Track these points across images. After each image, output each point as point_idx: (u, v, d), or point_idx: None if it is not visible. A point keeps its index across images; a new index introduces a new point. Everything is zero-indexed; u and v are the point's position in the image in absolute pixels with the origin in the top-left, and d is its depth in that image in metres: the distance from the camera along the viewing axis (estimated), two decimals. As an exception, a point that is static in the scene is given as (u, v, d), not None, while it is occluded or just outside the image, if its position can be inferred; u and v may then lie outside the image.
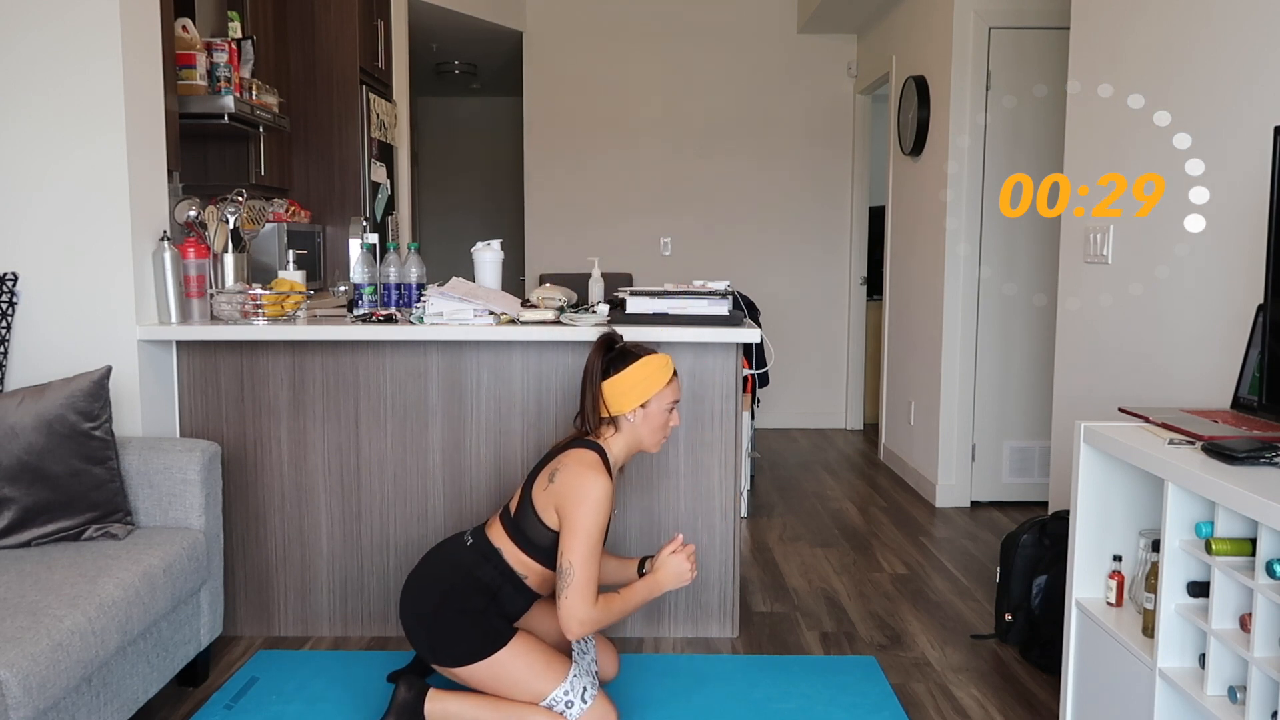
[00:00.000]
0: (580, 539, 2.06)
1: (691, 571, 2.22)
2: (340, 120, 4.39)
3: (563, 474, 2.11)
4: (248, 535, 2.83)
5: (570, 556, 2.06)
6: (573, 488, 2.08)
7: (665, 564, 2.22)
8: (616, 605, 2.13)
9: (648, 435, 2.24)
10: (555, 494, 2.11)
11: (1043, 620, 2.60)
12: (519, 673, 2.10)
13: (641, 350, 2.23)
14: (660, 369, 2.22)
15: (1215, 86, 2.34)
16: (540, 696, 2.11)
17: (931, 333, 4.49)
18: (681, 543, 2.25)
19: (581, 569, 2.06)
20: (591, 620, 2.08)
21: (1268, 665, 1.45)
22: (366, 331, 2.65)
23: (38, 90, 2.57)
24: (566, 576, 2.06)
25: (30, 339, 2.63)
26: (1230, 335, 2.26)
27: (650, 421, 2.23)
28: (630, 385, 2.18)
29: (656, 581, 2.21)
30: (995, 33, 4.19)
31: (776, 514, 4.22)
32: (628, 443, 2.24)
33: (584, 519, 2.06)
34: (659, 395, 2.21)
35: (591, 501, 2.07)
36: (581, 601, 2.06)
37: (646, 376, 2.20)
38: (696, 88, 6.07)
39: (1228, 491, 1.49)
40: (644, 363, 2.21)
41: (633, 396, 2.19)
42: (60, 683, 1.76)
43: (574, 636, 2.08)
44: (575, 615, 2.06)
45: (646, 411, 2.21)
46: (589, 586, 2.07)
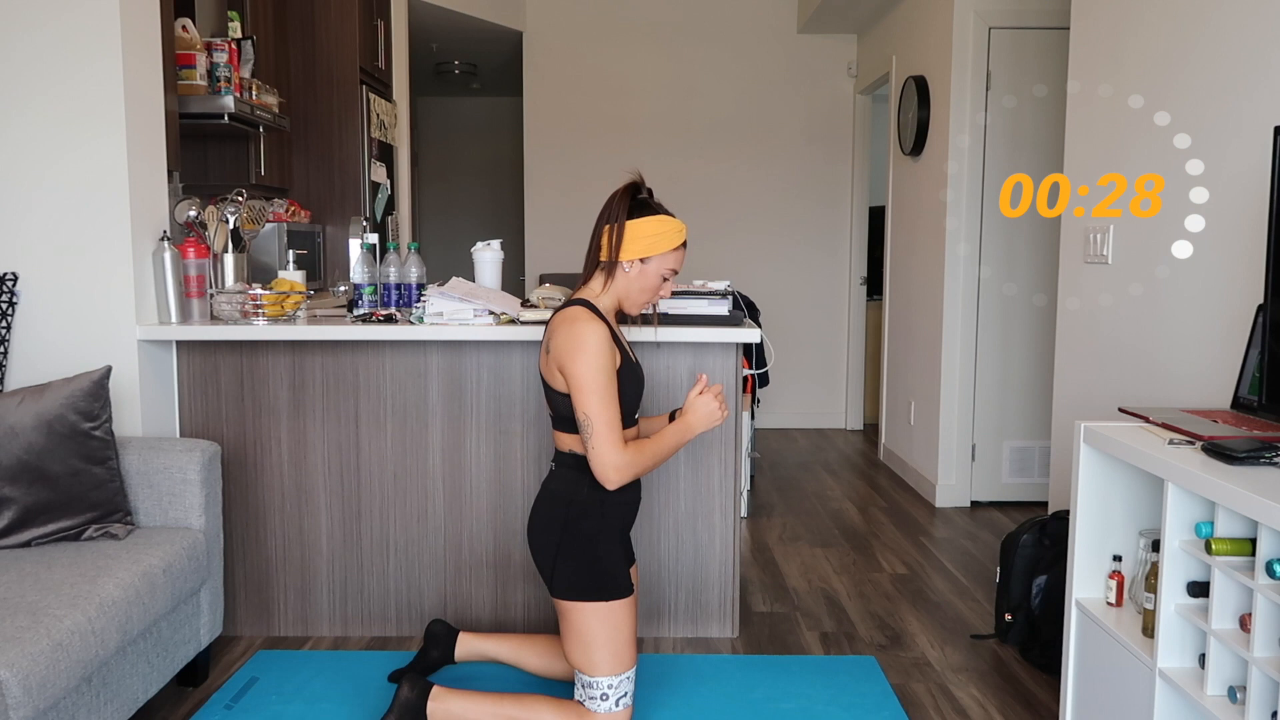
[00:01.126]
0: (588, 388, 2.01)
1: (722, 410, 2.16)
2: (340, 120, 4.39)
3: (555, 337, 2.08)
4: (248, 535, 2.83)
5: (584, 407, 2.02)
6: (567, 343, 2.04)
7: (694, 406, 2.16)
8: (649, 448, 2.09)
9: (636, 293, 2.17)
10: (556, 358, 2.07)
11: (1043, 620, 2.60)
12: (603, 633, 2.08)
13: (662, 208, 2.19)
14: (675, 231, 2.16)
15: (1215, 86, 2.34)
16: (595, 671, 2.08)
17: (931, 333, 4.49)
18: (706, 382, 2.19)
19: (599, 415, 2.01)
20: (625, 464, 2.03)
21: (1268, 665, 1.45)
22: (366, 331, 2.65)
23: (38, 90, 2.57)
24: (586, 428, 2.02)
25: (30, 339, 2.63)
26: (1230, 335, 2.26)
27: (644, 279, 2.16)
28: (643, 233, 2.12)
29: (687, 424, 2.15)
30: (995, 33, 4.19)
31: (776, 514, 4.22)
32: (617, 294, 2.17)
33: (586, 367, 2.01)
34: (663, 256, 2.15)
35: (589, 348, 2.02)
36: (609, 446, 2.02)
37: (661, 232, 2.14)
38: (696, 88, 6.07)
39: (1228, 491, 1.49)
40: (662, 219, 2.15)
41: (640, 246, 2.13)
42: (60, 683, 1.76)
43: (612, 485, 2.04)
44: (608, 461, 2.02)
45: (645, 268, 2.15)
46: (612, 430, 2.02)
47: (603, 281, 2.17)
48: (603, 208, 2.16)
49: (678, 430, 2.15)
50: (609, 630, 2.09)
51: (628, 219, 2.12)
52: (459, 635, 2.50)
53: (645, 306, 2.22)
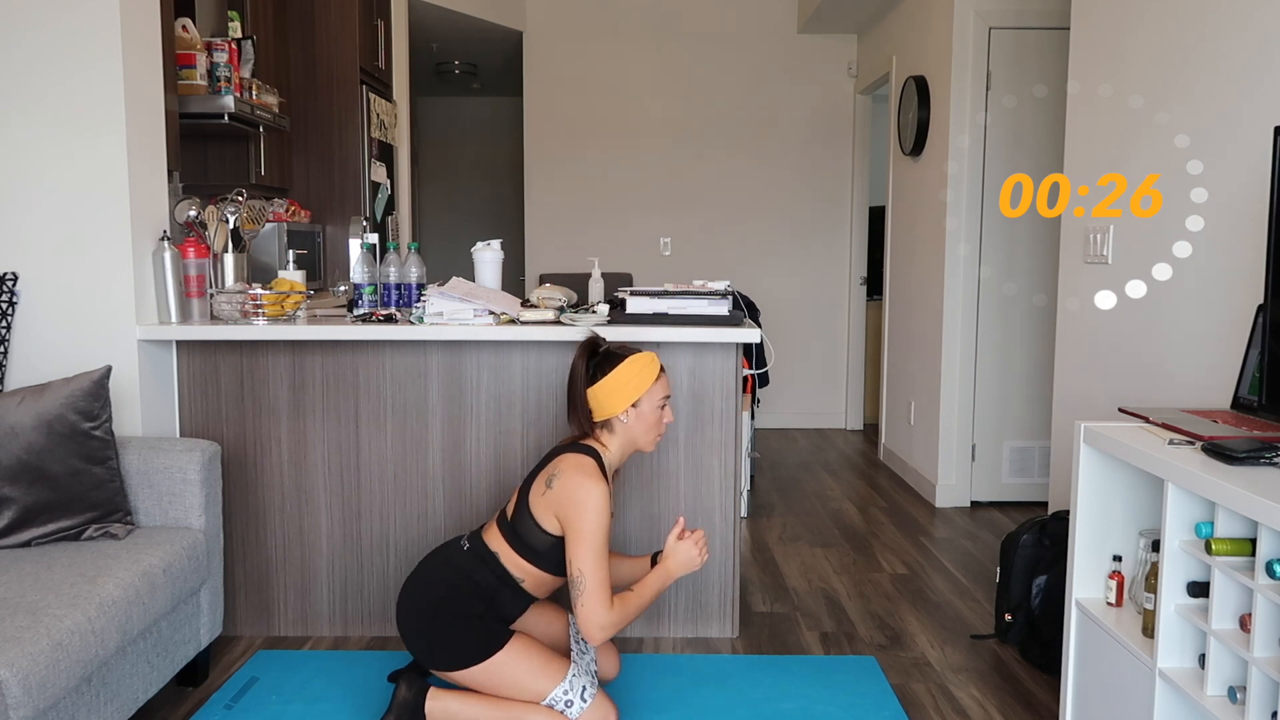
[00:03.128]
0: (586, 546, 2.07)
1: (701, 555, 2.21)
2: (340, 120, 4.39)
3: (559, 480, 2.11)
4: (248, 535, 2.83)
5: (579, 565, 2.07)
6: (571, 495, 2.08)
7: (674, 552, 2.21)
8: (633, 602, 2.13)
9: (642, 435, 2.24)
10: (553, 501, 2.11)
11: (1043, 620, 2.60)
12: (518, 674, 2.10)
13: (626, 351, 2.23)
14: (646, 366, 2.20)
15: (1215, 86, 2.34)
16: (540, 696, 2.11)
17: (931, 333, 4.49)
18: (685, 526, 2.24)
19: (592, 575, 2.06)
20: (611, 623, 2.08)
21: (1267, 665, 1.45)
22: (366, 331, 2.65)
23: (38, 90, 2.57)
24: (579, 585, 2.07)
25: (30, 339, 2.63)
26: (1230, 335, 2.26)
27: (643, 421, 2.22)
28: (617, 387, 2.18)
29: (667, 571, 2.20)
30: (995, 33, 4.19)
31: (776, 514, 4.22)
32: (623, 444, 2.24)
33: (586, 525, 2.07)
34: (649, 394, 2.21)
35: (591, 508, 2.07)
36: (598, 606, 2.07)
37: (634, 376, 2.19)
38: (696, 88, 6.07)
39: (1228, 492, 1.49)
40: (629, 363, 2.20)
41: (622, 397, 2.19)
42: (60, 682, 1.76)
43: (596, 642, 2.09)
44: (595, 621, 2.07)
45: (638, 411, 2.21)
46: (603, 590, 2.07)
47: (607, 436, 2.24)
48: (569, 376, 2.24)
49: (658, 578, 2.20)
50: (519, 667, 2.11)
51: (599, 378, 2.19)
52: None
53: (660, 437, 2.33)
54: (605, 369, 2.19)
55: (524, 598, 2.20)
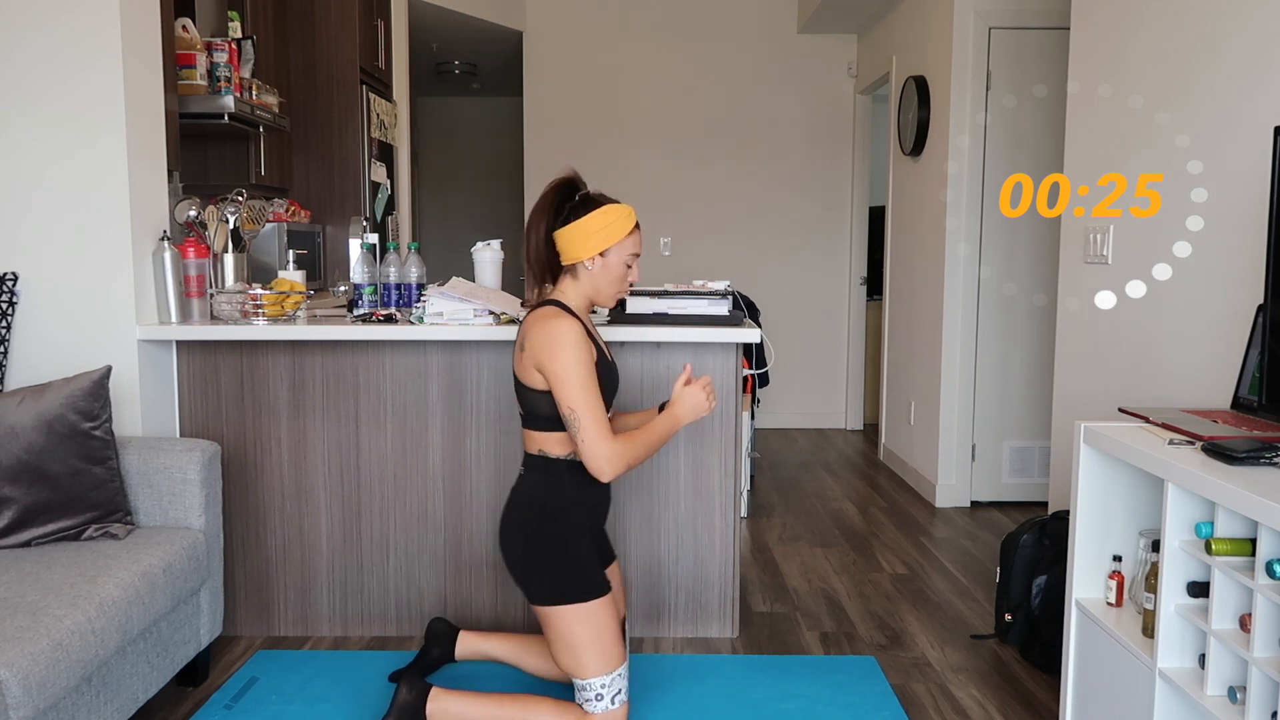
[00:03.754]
0: (571, 382, 2.01)
1: (710, 400, 2.16)
2: (340, 120, 4.39)
3: (531, 335, 2.07)
4: (248, 535, 2.83)
5: (568, 401, 2.02)
6: (543, 341, 2.04)
7: (681, 397, 2.15)
8: (640, 438, 2.08)
9: (606, 286, 2.16)
10: (532, 356, 2.06)
11: (1043, 620, 2.60)
12: (585, 635, 2.07)
13: (604, 199, 2.15)
14: (625, 216, 2.13)
15: (1215, 86, 2.34)
16: (585, 673, 2.08)
17: (931, 333, 4.49)
18: (692, 372, 2.17)
19: (585, 408, 2.01)
20: (616, 455, 2.03)
21: (1268, 665, 1.45)
22: (366, 331, 2.65)
23: (38, 90, 2.57)
24: (573, 423, 2.02)
25: (30, 339, 2.63)
26: (1230, 335, 2.26)
27: (609, 272, 2.14)
28: (590, 231, 2.10)
29: (675, 415, 2.15)
30: (995, 33, 4.19)
31: (776, 514, 4.22)
32: (584, 293, 2.16)
33: (565, 363, 2.01)
34: (619, 245, 2.13)
35: (566, 345, 2.02)
36: (599, 439, 2.01)
37: (608, 224, 2.11)
38: (696, 88, 6.07)
39: (1228, 491, 1.49)
40: (605, 210, 2.12)
41: (593, 242, 2.10)
42: (60, 682, 1.76)
43: (606, 477, 2.04)
44: (599, 453, 2.02)
45: (606, 261, 2.13)
46: (599, 423, 2.02)
47: (569, 282, 2.16)
48: (533, 210, 2.14)
49: (666, 421, 2.14)
50: (592, 631, 2.09)
51: (574, 218, 2.11)
52: (460, 634, 2.50)
53: (618, 296, 2.21)
54: (580, 212, 2.11)
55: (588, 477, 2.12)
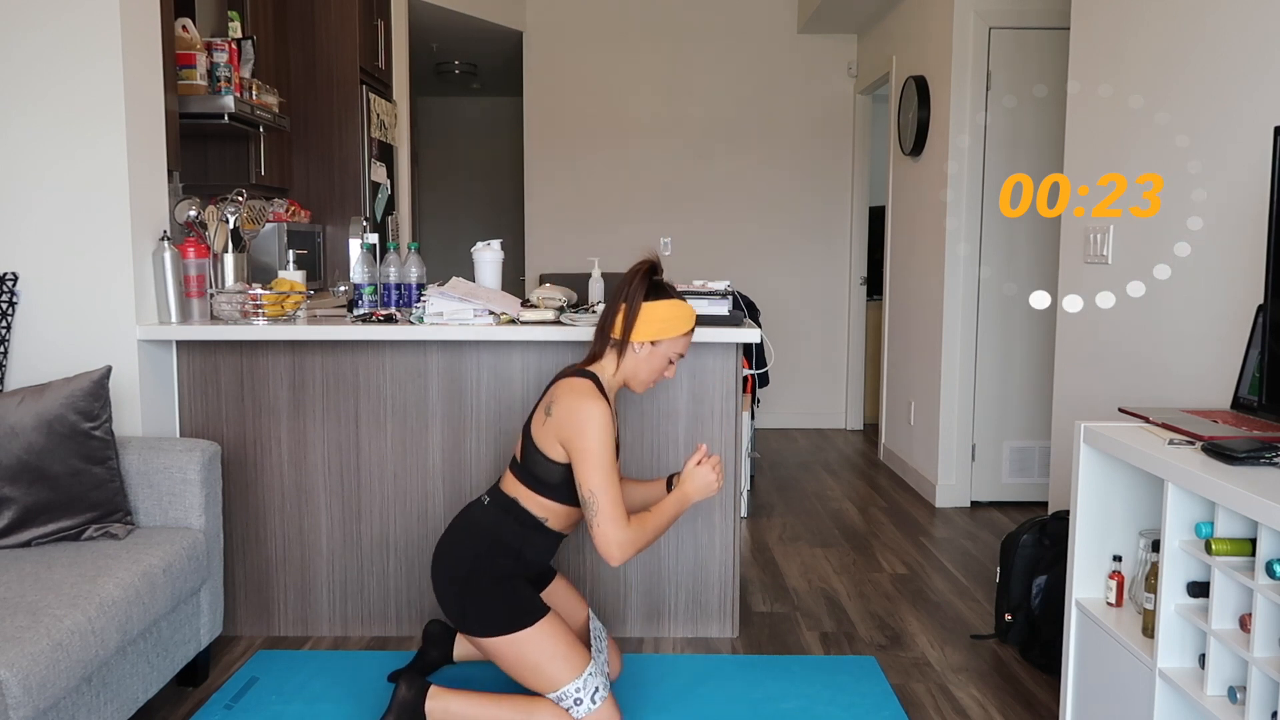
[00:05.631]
0: (593, 464, 2.05)
1: (718, 481, 2.21)
2: (340, 120, 4.39)
3: (558, 405, 2.10)
4: (248, 535, 2.83)
5: (589, 484, 2.05)
6: (571, 416, 2.07)
7: (692, 476, 2.20)
8: (650, 523, 2.12)
9: (645, 373, 2.22)
10: (555, 426, 2.10)
11: (1043, 620, 2.60)
12: (541, 654, 2.09)
13: (675, 291, 2.24)
14: (687, 316, 2.22)
15: (1215, 86, 2.34)
16: (554, 686, 2.09)
17: (931, 333, 4.49)
18: (706, 452, 2.23)
19: (604, 493, 2.05)
20: (629, 540, 2.06)
21: (1268, 665, 1.45)
22: (366, 331, 2.65)
23: (38, 90, 2.57)
24: (591, 506, 2.05)
25: (30, 339, 2.63)
26: (1230, 335, 2.26)
27: (652, 361, 2.21)
28: (657, 316, 2.18)
29: (684, 494, 2.20)
30: (995, 33, 4.19)
31: (776, 514, 4.22)
32: (624, 374, 2.22)
33: (591, 444, 2.05)
34: (673, 340, 2.21)
35: (593, 426, 2.05)
36: (613, 524, 2.05)
37: (674, 316, 2.19)
38: (696, 88, 6.07)
39: (1228, 491, 1.49)
40: (675, 303, 2.21)
41: (653, 328, 2.18)
42: (60, 682, 1.76)
43: (616, 561, 2.07)
44: (612, 539, 2.05)
45: (655, 350, 2.20)
46: (616, 508, 2.06)
47: (614, 359, 2.21)
48: (619, 284, 2.22)
49: (676, 501, 2.19)
50: (545, 648, 2.10)
51: (644, 300, 2.17)
52: (457, 635, 2.50)
53: (650, 386, 2.28)
54: (653, 295, 2.19)
55: (552, 538, 2.20)
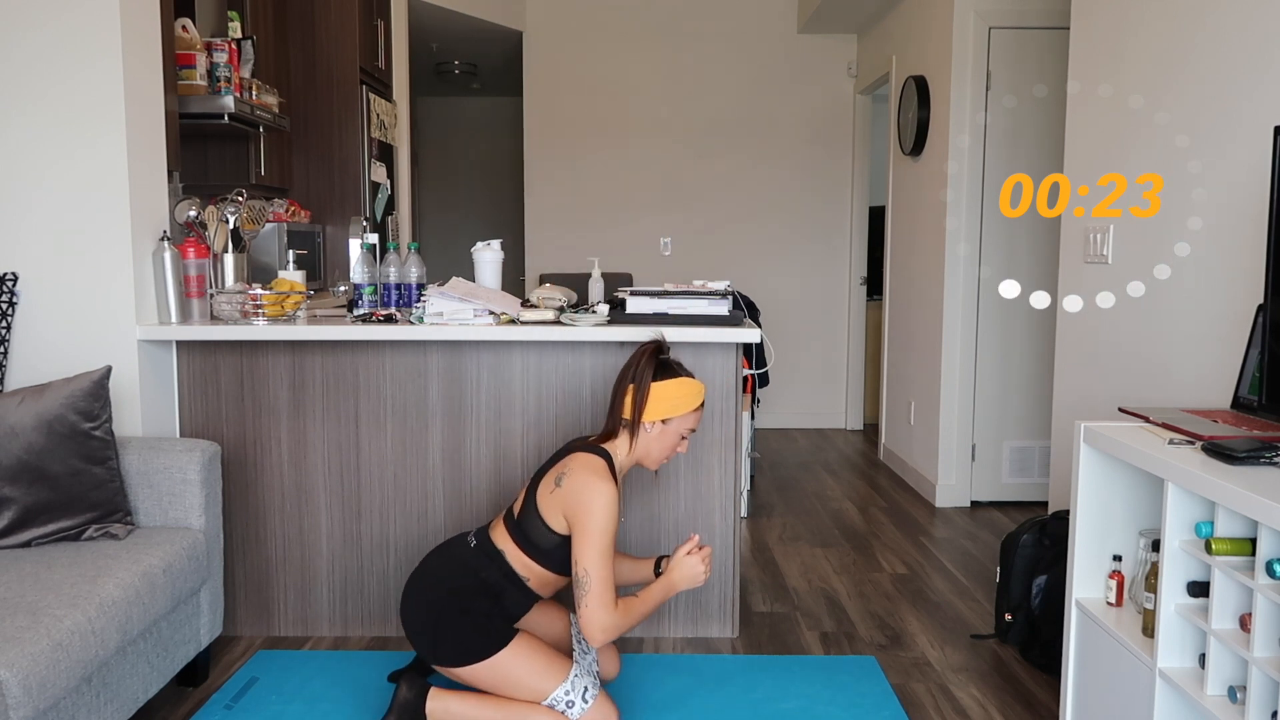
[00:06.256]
0: (592, 546, 2.07)
1: (706, 573, 2.23)
2: (340, 120, 4.39)
3: (569, 479, 2.12)
4: (248, 535, 2.83)
5: (585, 564, 2.07)
6: (580, 495, 2.09)
7: (680, 564, 2.23)
8: (636, 608, 2.15)
9: (656, 451, 2.25)
10: (562, 499, 2.11)
11: (1043, 620, 2.60)
12: (520, 673, 2.11)
13: (683, 370, 2.27)
14: (696, 393, 2.25)
15: (1215, 86, 2.34)
16: (542, 696, 2.11)
17: (931, 333, 4.49)
18: (698, 544, 2.25)
19: (598, 576, 2.07)
20: (613, 625, 2.09)
21: (1268, 665, 1.45)
22: (366, 331, 2.65)
23: (38, 91, 2.57)
24: (583, 585, 2.07)
25: (30, 339, 2.63)
26: (1230, 335, 2.26)
27: (664, 439, 2.24)
28: (666, 395, 2.20)
29: (671, 582, 2.22)
30: (995, 33, 4.18)
31: (776, 514, 4.22)
32: (636, 454, 2.25)
33: (594, 526, 2.07)
34: (683, 417, 2.24)
35: (600, 508, 2.07)
36: (601, 608, 2.07)
37: (684, 394, 2.22)
38: (696, 88, 6.07)
39: (1228, 491, 1.49)
40: (685, 381, 2.24)
41: (663, 407, 2.21)
42: (60, 683, 1.76)
43: (597, 644, 2.09)
44: (597, 623, 2.07)
45: (666, 429, 2.23)
46: (607, 592, 2.08)
47: (626, 439, 2.24)
48: (625, 365, 2.25)
49: (662, 589, 2.22)
50: (520, 666, 2.12)
51: (653, 381, 2.20)
52: None
53: (663, 463, 2.30)
54: (661, 375, 2.22)
55: (530, 596, 2.21)
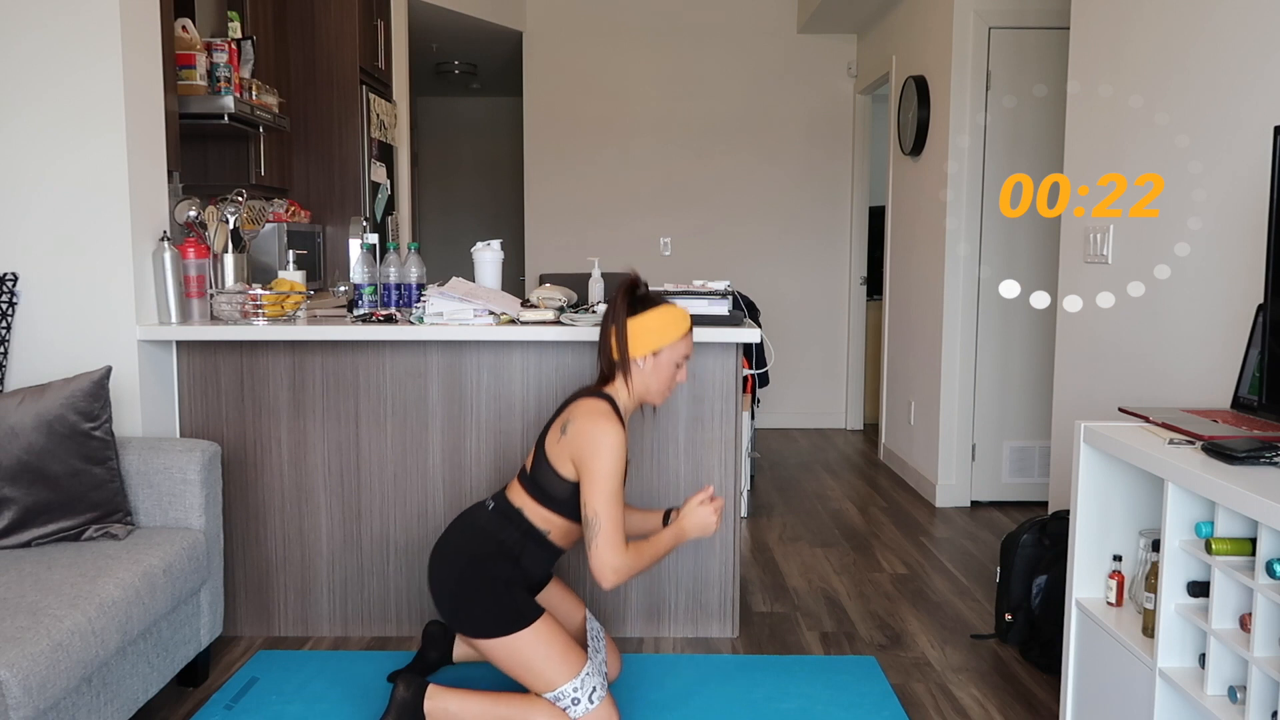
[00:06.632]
0: (601, 487, 2.07)
1: (717, 524, 2.23)
2: (340, 120, 4.39)
3: (575, 424, 2.12)
4: (248, 535, 2.83)
5: (594, 505, 2.07)
6: (586, 437, 2.09)
7: (692, 513, 2.23)
8: (646, 551, 2.14)
9: (655, 385, 2.24)
10: (569, 445, 2.12)
11: (1043, 620, 2.60)
12: (536, 656, 2.10)
13: (662, 299, 2.25)
14: (679, 319, 2.23)
15: (1215, 86, 2.34)
16: (551, 686, 2.10)
17: (931, 333, 4.49)
18: (711, 494, 2.25)
19: (607, 516, 2.07)
20: (624, 566, 2.08)
21: (1268, 665, 1.45)
22: (366, 331, 2.65)
23: (38, 90, 2.57)
24: (593, 526, 2.07)
25: (30, 339, 2.63)
26: (1230, 335, 2.26)
27: (660, 372, 2.23)
28: (648, 329, 2.19)
29: (682, 529, 2.23)
30: (995, 33, 4.19)
31: (776, 514, 4.22)
32: (636, 392, 2.24)
33: (602, 467, 2.07)
34: (672, 346, 2.22)
35: (607, 449, 2.07)
36: (611, 548, 2.07)
37: (665, 323, 2.21)
38: (696, 88, 6.07)
39: (1228, 491, 1.49)
40: (665, 309, 2.22)
41: (648, 340, 2.19)
42: (60, 683, 1.76)
43: (609, 585, 2.08)
44: (608, 562, 2.07)
45: (658, 360, 2.22)
46: (617, 533, 2.08)
47: (622, 380, 2.23)
48: (609, 306, 2.23)
49: (672, 534, 2.22)
50: (540, 649, 2.11)
51: (629, 317, 2.19)
52: (456, 636, 2.50)
53: (667, 396, 2.29)
54: (638, 309, 2.21)
55: (551, 551, 2.22)
